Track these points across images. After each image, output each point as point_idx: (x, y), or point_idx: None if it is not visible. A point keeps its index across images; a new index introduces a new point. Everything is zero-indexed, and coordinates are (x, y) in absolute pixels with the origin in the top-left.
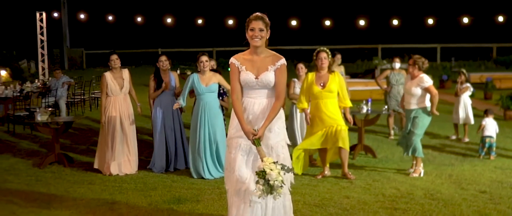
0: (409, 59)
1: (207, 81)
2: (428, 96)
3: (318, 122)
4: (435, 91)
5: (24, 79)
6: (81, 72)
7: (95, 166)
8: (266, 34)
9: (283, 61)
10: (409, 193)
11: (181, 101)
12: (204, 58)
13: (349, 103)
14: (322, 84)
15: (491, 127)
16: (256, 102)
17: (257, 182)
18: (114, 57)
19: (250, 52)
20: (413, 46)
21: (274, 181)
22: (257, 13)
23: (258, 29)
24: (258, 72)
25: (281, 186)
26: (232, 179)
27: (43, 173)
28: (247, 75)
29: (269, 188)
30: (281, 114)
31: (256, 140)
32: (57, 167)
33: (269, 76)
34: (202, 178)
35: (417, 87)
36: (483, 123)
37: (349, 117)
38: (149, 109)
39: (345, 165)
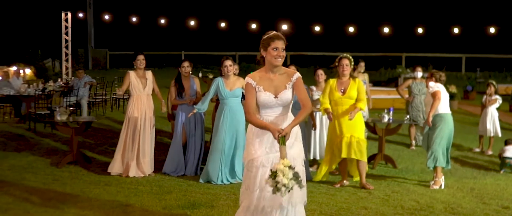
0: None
1: (231, 85)
2: (443, 102)
3: (337, 128)
4: (438, 96)
5: (47, 78)
6: (104, 72)
7: (114, 172)
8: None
9: (298, 74)
10: (429, 206)
11: (199, 106)
12: (229, 62)
13: (362, 107)
14: (342, 90)
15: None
16: (274, 121)
17: (268, 177)
18: (141, 57)
19: (266, 71)
20: (438, 56)
21: (281, 186)
22: (277, 33)
23: (282, 49)
24: (277, 91)
25: (289, 190)
26: (252, 197)
27: (61, 172)
28: (266, 96)
29: (276, 190)
30: (299, 130)
31: (282, 138)
32: (75, 166)
33: (288, 94)
34: (209, 182)
35: (429, 95)
36: (501, 151)
37: (352, 115)
38: (166, 112)
39: (363, 177)
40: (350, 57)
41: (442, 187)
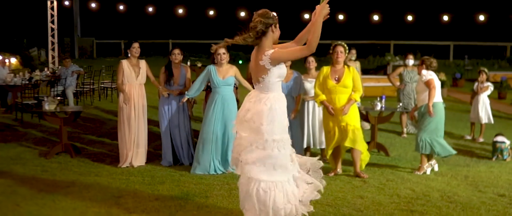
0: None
1: (224, 74)
2: (436, 92)
3: (330, 118)
4: (432, 84)
5: (33, 67)
6: (91, 61)
7: (125, 165)
8: None
9: None
10: (425, 194)
11: (191, 93)
12: (222, 50)
13: (357, 98)
14: (336, 78)
15: (503, 137)
16: (282, 95)
17: None
18: (136, 45)
19: (270, 46)
20: (426, 43)
21: None
22: None
23: None
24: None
25: None
26: (291, 168)
27: (50, 163)
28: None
29: None
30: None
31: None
32: (64, 157)
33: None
34: (204, 173)
35: (421, 83)
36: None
37: (346, 109)
38: (158, 100)
39: (357, 165)
40: (345, 45)
41: (427, 173)
